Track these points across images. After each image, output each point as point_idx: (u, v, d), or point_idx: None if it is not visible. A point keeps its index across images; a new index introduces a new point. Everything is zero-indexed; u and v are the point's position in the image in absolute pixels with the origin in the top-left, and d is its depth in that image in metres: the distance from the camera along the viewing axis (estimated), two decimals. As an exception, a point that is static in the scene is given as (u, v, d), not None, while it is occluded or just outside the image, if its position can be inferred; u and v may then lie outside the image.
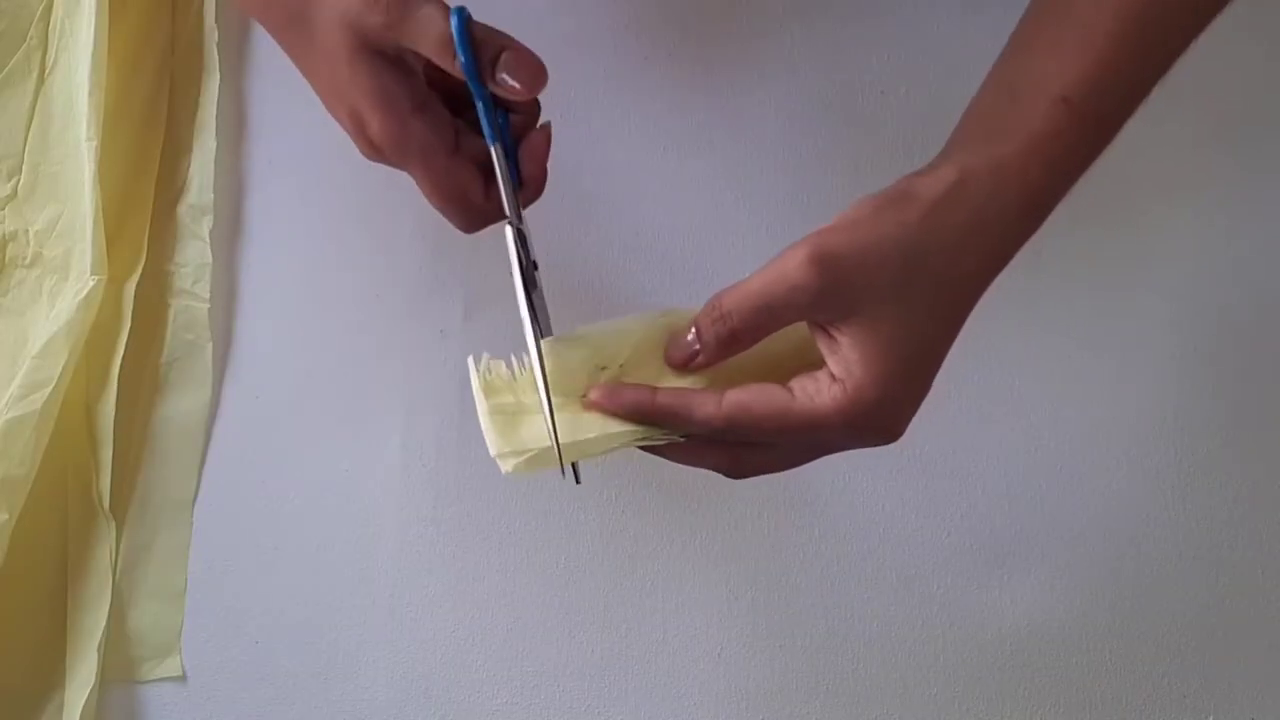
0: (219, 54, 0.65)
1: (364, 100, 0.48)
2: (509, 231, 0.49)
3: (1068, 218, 0.66)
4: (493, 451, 0.48)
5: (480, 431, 0.64)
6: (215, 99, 0.65)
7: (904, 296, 0.44)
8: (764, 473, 0.49)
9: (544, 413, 0.47)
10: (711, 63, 0.67)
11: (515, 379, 0.49)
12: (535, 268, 0.49)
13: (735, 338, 0.46)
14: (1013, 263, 0.64)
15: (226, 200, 0.66)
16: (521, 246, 0.49)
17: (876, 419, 0.45)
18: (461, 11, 0.47)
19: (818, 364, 0.46)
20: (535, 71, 0.48)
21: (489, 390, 0.48)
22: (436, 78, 0.50)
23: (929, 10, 0.66)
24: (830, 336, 0.45)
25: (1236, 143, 0.66)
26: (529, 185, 0.51)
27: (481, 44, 0.47)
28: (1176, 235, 0.66)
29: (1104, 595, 0.63)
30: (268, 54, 0.67)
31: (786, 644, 0.62)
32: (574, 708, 0.62)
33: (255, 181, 0.66)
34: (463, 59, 0.47)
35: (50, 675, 0.61)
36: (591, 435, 0.47)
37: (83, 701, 0.60)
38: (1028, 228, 0.47)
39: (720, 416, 0.46)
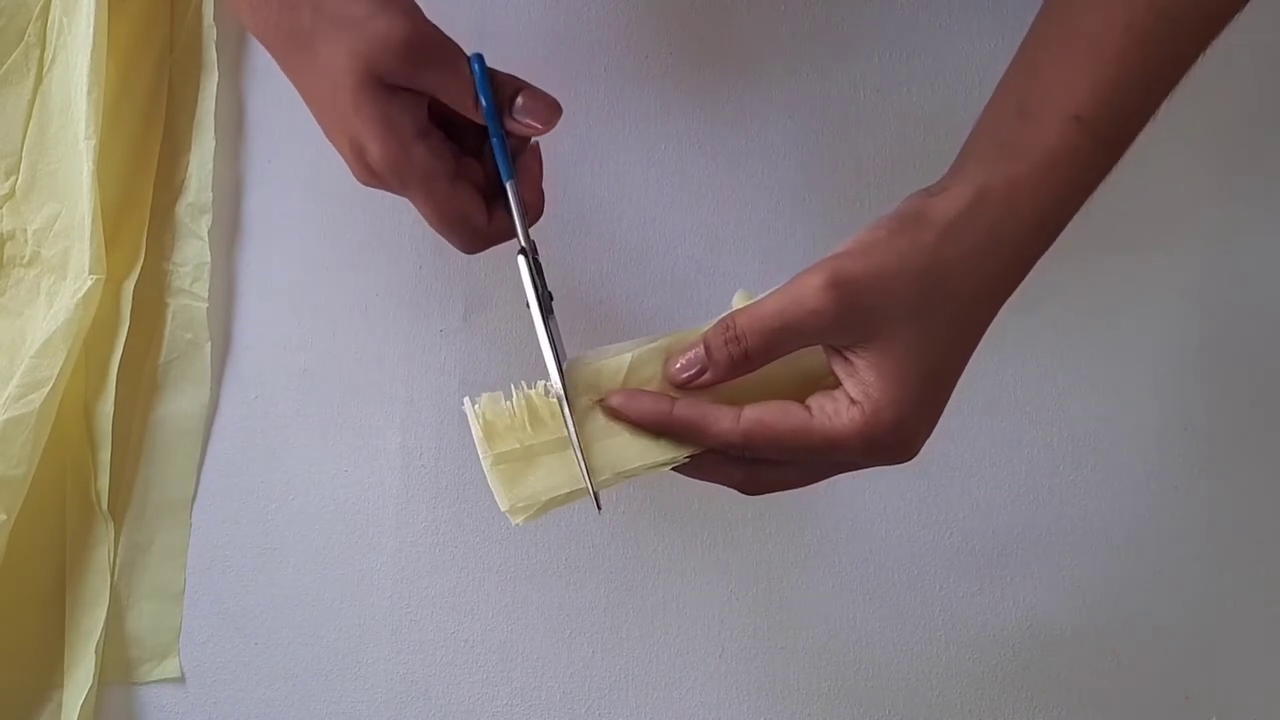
0: (217, 53, 0.65)
1: (365, 128, 0.47)
2: (523, 263, 0.49)
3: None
4: (502, 507, 0.47)
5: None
6: (214, 98, 0.65)
7: (920, 319, 0.45)
8: (779, 489, 0.49)
9: (574, 452, 0.47)
10: (712, 62, 0.66)
11: (515, 416, 0.48)
12: (550, 298, 0.49)
13: (747, 359, 0.46)
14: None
15: (225, 199, 0.65)
16: (538, 277, 0.49)
17: (893, 440, 0.46)
18: (480, 57, 0.48)
19: (821, 386, 0.47)
20: (551, 109, 0.49)
21: (490, 438, 0.47)
22: (436, 107, 0.50)
23: (929, 10, 0.66)
24: (846, 359, 0.46)
25: (1242, 142, 0.66)
26: (528, 209, 0.51)
27: (499, 87, 0.49)
28: (1180, 236, 0.66)
29: (1106, 595, 0.63)
30: (266, 53, 0.67)
31: (788, 644, 0.62)
32: (574, 708, 0.62)
33: (254, 180, 0.66)
34: (485, 104, 0.48)
35: (48, 676, 0.61)
36: (607, 475, 0.47)
37: (81, 703, 0.60)
38: (1041, 246, 0.47)
39: (737, 432, 0.46)
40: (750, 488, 0.49)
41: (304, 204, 0.65)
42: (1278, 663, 0.62)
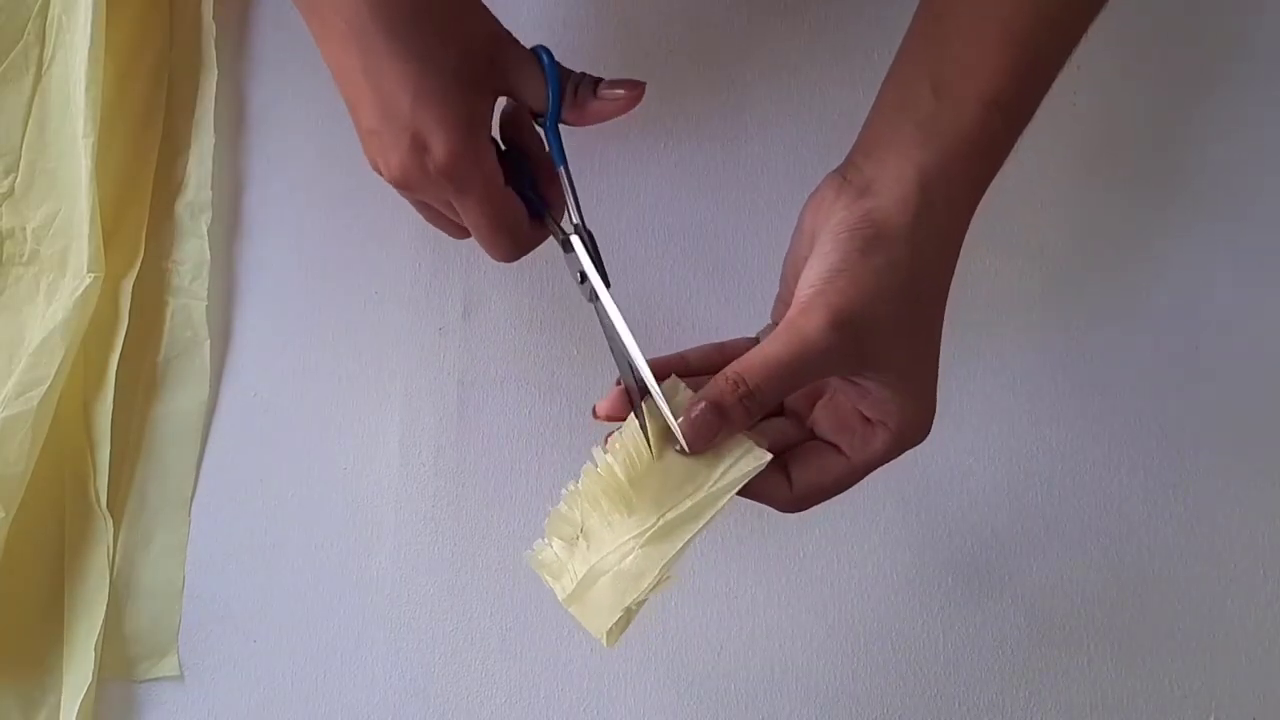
0: (216, 50, 0.65)
1: (441, 124, 0.47)
2: (578, 243, 0.50)
3: (1070, 217, 0.66)
4: (596, 634, 0.47)
5: (478, 430, 0.64)
6: (213, 95, 0.65)
7: (910, 331, 0.46)
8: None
9: (667, 420, 0.46)
10: (711, 62, 0.66)
11: (558, 558, 0.48)
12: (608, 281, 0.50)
13: (762, 408, 0.46)
14: (1017, 262, 0.65)
15: (225, 197, 0.65)
16: (598, 258, 0.50)
17: (916, 437, 0.48)
18: (547, 50, 0.50)
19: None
20: (632, 82, 0.51)
21: (554, 577, 0.48)
22: None
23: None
24: (854, 384, 0.47)
25: (1240, 140, 0.66)
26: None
27: (564, 75, 0.51)
28: (1179, 236, 0.66)
29: (1105, 595, 0.62)
30: (266, 50, 0.67)
31: (786, 643, 0.62)
32: (573, 708, 0.62)
33: (253, 178, 0.66)
34: (552, 94, 0.50)
35: (47, 674, 0.61)
36: (648, 580, 0.46)
37: (79, 700, 0.60)
38: (967, 226, 0.48)
39: (793, 500, 0.48)
40: (793, 510, 0.50)
41: (304, 202, 0.65)
42: (1277, 662, 0.62)
